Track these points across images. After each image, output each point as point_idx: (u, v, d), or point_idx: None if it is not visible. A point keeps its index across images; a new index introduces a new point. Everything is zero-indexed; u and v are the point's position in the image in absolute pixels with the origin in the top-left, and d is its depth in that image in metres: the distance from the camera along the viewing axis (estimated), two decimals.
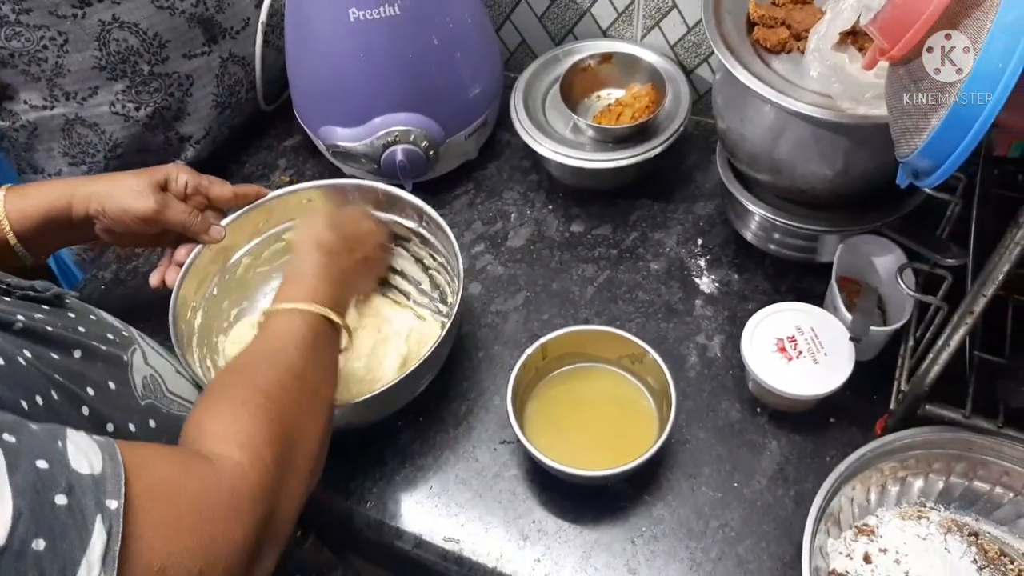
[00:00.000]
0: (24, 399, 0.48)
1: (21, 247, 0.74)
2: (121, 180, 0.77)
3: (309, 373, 0.59)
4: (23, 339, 0.53)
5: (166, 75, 0.96)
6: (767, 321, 0.78)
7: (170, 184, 0.79)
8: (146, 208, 0.76)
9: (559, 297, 0.91)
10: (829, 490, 0.66)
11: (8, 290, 0.57)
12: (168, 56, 0.95)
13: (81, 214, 0.75)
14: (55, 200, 0.74)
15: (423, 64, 0.90)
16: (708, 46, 1.00)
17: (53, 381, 0.52)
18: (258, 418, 0.53)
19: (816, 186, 0.76)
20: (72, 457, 0.41)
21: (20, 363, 0.50)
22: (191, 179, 0.80)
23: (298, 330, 0.61)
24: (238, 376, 0.57)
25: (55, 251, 0.84)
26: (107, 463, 0.42)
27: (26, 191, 0.75)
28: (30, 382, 0.50)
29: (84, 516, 0.39)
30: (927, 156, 0.55)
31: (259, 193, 0.85)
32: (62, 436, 0.42)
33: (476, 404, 0.83)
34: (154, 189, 0.77)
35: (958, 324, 0.61)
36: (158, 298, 0.79)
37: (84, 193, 0.75)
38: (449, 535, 0.74)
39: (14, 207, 0.73)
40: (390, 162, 0.94)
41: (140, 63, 0.93)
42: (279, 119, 1.14)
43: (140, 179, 0.77)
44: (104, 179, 0.77)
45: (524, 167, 1.05)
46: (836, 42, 0.69)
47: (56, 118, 0.95)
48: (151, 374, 0.65)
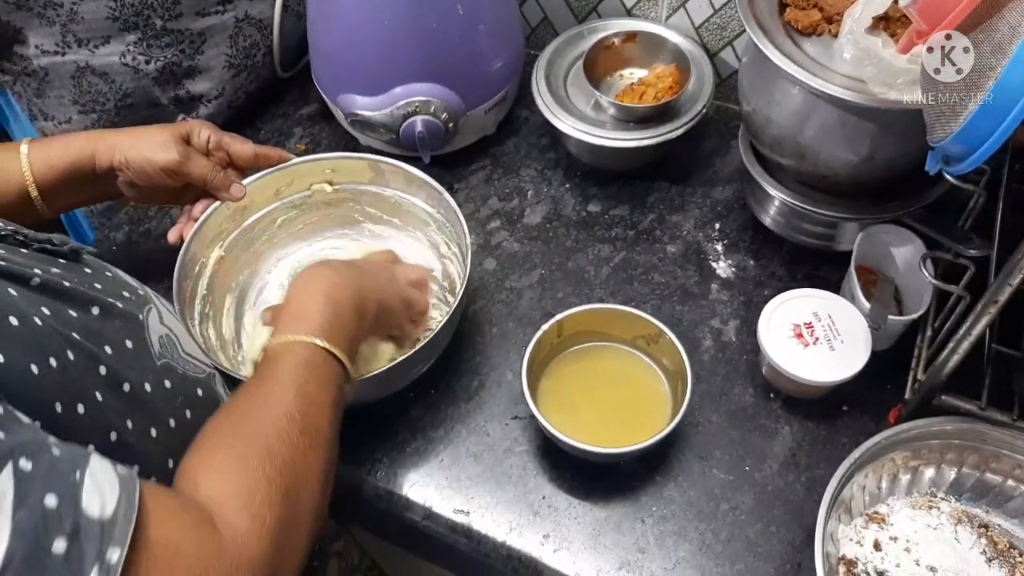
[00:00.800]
0: (36, 363, 0.47)
1: (41, 200, 0.74)
2: (145, 132, 0.77)
3: (310, 418, 0.55)
4: (41, 295, 0.52)
5: (178, 31, 0.95)
6: (785, 306, 0.78)
7: (192, 138, 0.80)
8: (169, 159, 0.76)
9: (574, 276, 0.90)
10: (842, 477, 0.66)
11: (25, 242, 0.56)
12: (181, 12, 0.94)
13: (105, 165, 0.75)
14: (79, 151, 0.74)
15: (446, 34, 0.89)
16: (733, 29, 1.00)
17: (70, 340, 0.51)
18: (259, 476, 0.50)
19: (840, 172, 0.75)
20: (86, 494, 0.40)
21: (36, 323, 0.49)
22: (213, 135, 0.81)
23: (297, 369, 0.57)
24: (235, 425, 0.53)
25: (74, 208, 0.84)
26: (121, 504, 0.41)
27: (50, 142, 0.75)
28: (45, 343, 0.49)
29: (80, 566, 0.38)
30: (961, 142, 0.55)
31: (281, 157, 0.85)
32: (83, 465, 0.41)
33: (488, 379, 0.83)
34: (177, 141, 0.77)
35: (981, 313, 0.61)
36: (170, 261, 0.79)
37: (108, 144, 0.75)
38: (459, 507, 0.74)
39: (38, 159, 0.73)
40: (409, 133, 0.93)
41: (153, 17, 0.93)
42: (295, 86, 1.13)
43: (164, 132, 0.77)
44: (128, 132, 0.77)
45: (542, 145, 1.04)
46: (868, 26, 0.69)
47: (67, 64, 0.94)
48: (167, 334, 0.64)
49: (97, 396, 0.52)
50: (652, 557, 0.71)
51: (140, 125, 0.80)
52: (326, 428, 0.57)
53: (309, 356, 0.59)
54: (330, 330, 0.61)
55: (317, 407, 0.56)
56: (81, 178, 0.75)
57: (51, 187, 0.74)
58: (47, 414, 0.47)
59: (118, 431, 0.53)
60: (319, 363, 0.59)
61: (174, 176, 0.78)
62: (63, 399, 0.48)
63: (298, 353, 0.59)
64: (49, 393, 0.48)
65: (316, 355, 0.59)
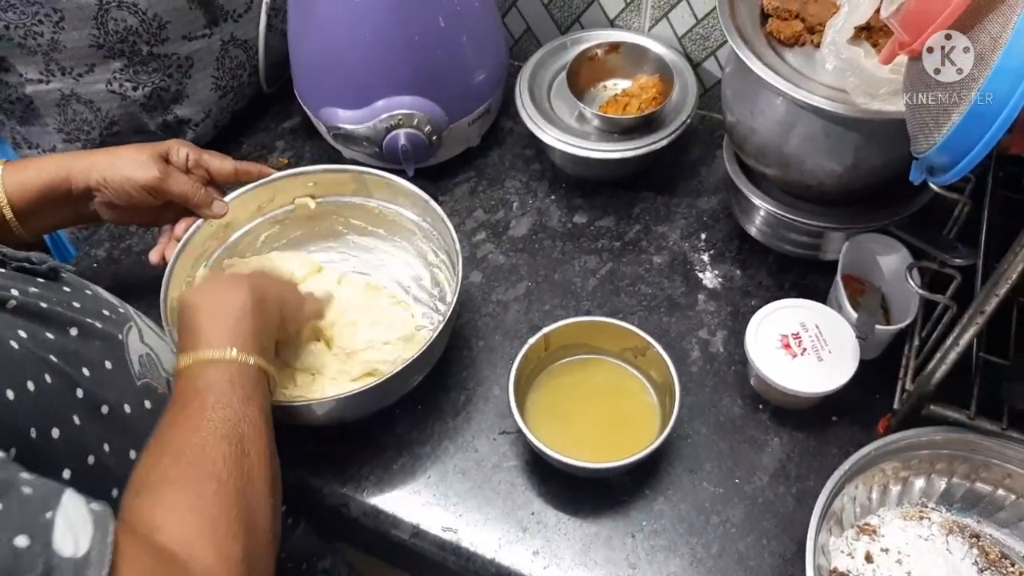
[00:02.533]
0: (12, 388, 0.46)
1: (17, 223, 0.73)
2: (122, 152, 0.76)
3: (248, 436, 0.54)
4: (17, 317, 0.52)
5: (165, 56, 0.94)
6: (772, 317, 0.77)
7: (171, 156, 0.79)
8: (148, 177, 0.75)
9: (561, 288, 0.90)
10: (833, 488, 0.66)
11: (3, 261, 0.55)
12: (167, 37, 0.93)
13: (81, 186, 0.74)
14: (55, 172, 0.73)
15: (429, 46, 0.88)
16: (716, 39, 1.00)
17: (47, 363, 0.51)
18: (216, 508, 0.48)
19: (825, 181, 0.75)
20: (58, 534, 0.39)
21: (12, 347, 0.49)
22: (192, 152, 0.80)
23: (220, 387, 0.55)
24: (176, 459, 0.51)
25: (51, 231, 0.83)
26: (96, 543, 0.40)
27: (25, 164, 0.74)
28: (22, 367, 0.48)
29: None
30: (945, 152, 0.54)
31: (262, 172, 0.84)
32: (54, 505, 0.40)
33: (475, 394, 0.82)
34: (156, 159, 0.76)
35: (968, 323, 0.61)
36: (152, 278, 0.78)
37: (84, 165, 0.74)
38: (447, 525, 0.73)
39: (12, 180, 0.72)
40: (392, 146, 0.92)
41: (139, 43, 0.91)
42: (278, 100, 1.12)
43: (142, 151, 0.76)
44: (105, 152, 0.77)
45: (527, 156, 1.03)
46: (850, 36, 0.69)
47: (52, 92, 0.93)
48: (147, 352, 0.63)
49: (74, 419, 0.51)
50: (643, 572, 0.70)
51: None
52: (264, 442, 0.55)
53: (228, 372, 0.57)
54: (240, 339, 0.59)
55: (250, 422, 0.55)
56: (56, 200, 0.74)
57: (26, 209, 0.73)
58: (21, 441, 0.46)
59: (95, 455, 0.52)
60: (238, 376, 0.57)
61: (155, 194, 0.77)
62: (38, 424, 0.48)
63: (215, 371, 0.57)
64: (24, 419, 0.47)
65: (233, 368, 0.57)
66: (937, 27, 0.53)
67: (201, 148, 0.82)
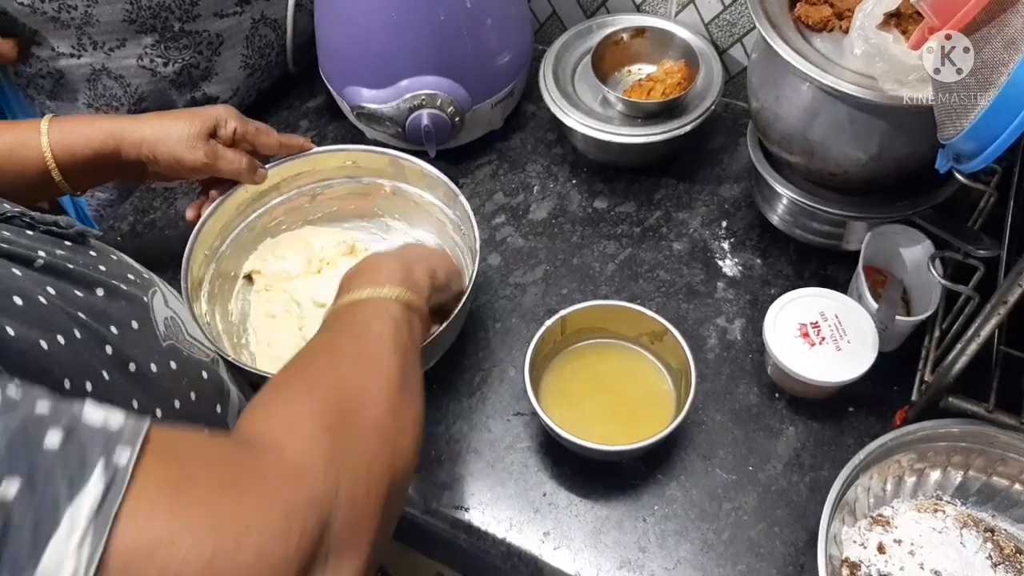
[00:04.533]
0: (44, 339, 0.47)
1: (65, 183, 0.74)
2: (171, 126, 0.76)
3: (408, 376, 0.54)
4: (45, 275, 0.52)
5: (196, 32, 0.95)
6: (791, 305, 0.77)
7: (219, 130, 0.79)
8: (196, 160, 0.76)
9: (579, 272, 0.90)
10: (847, 478, 0.65)
11: (31, 224, 0.56)
12: (199, 14, 0.93)
13: (132, 157, 0.75)
14: (103, 142, 0.74)
15: (454, 27, 0.88)
16: (743, 25, 0.99)
17: (76, 319, 0.51)
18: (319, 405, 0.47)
19: (849, 170, 0.75)
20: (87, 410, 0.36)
21: (41, 301, 0.49)
22: (239, 126, 0.80)
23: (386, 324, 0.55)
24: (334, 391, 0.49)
25: (98, 185, 0.83)
26: (129, 419, 0.36)
27: (72, 127, 0.73)
28: (52, 320, 0.49)
29: (82, 460, 0.33)
30: (972, 139, 0.54)
31: (303, 146, 0.85)
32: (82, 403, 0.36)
33: (490, 375, 0.82)
34: (203, 139, 0.77)
35: (991, 314, 0.60)
36: (175, 251, 0.78)
37: (134, 139, 0.74)
38: (459, 503, 0.74)
39: (59, 144, 0.72)
40: (415, 126, 0.92)
41: (171, 19, 0.92)
42: (302, 80, 1.12)
43: (191, 127, 0.76)
44: (155, 123, 0.76)
45: (549, 140, 1.03)
46: (879, 22, 0.68)
47: (83, 67, 0.94)
48: (172, 316, 0.64)
49: (104, 375, 0.52)
50: (653, 556, 0.70)
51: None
52: (419, 387, 0.56)
53: (397, 311, 0.57)
54: (413, 287, 0.61)
55: (412, 366, 0.56)
56: (106, 165, 0.75)
57: (74, 171, 0.74)
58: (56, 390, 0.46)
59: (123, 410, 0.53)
60: (406, 318, 0.58)
61: (202, 173, 0.79)
62: (72, 376, 0.48)
63: (386, 310, 0.57)
64: (59, 369, 0.48)
65: (402, 311, 0.58)
66: (969, 10, 0.52)
67: (247, 119, 0.82)
